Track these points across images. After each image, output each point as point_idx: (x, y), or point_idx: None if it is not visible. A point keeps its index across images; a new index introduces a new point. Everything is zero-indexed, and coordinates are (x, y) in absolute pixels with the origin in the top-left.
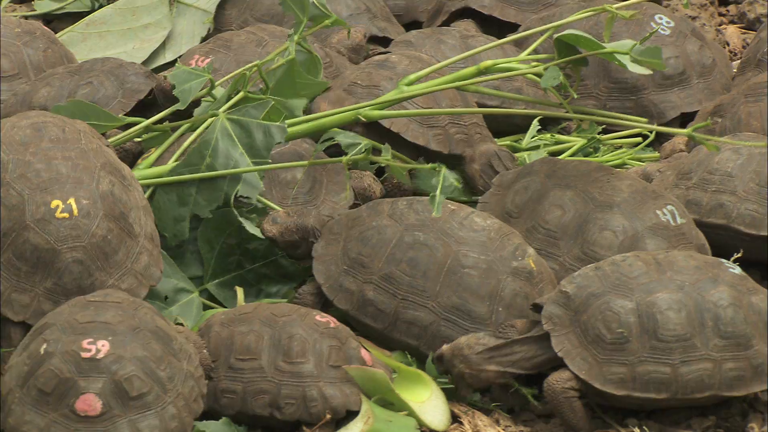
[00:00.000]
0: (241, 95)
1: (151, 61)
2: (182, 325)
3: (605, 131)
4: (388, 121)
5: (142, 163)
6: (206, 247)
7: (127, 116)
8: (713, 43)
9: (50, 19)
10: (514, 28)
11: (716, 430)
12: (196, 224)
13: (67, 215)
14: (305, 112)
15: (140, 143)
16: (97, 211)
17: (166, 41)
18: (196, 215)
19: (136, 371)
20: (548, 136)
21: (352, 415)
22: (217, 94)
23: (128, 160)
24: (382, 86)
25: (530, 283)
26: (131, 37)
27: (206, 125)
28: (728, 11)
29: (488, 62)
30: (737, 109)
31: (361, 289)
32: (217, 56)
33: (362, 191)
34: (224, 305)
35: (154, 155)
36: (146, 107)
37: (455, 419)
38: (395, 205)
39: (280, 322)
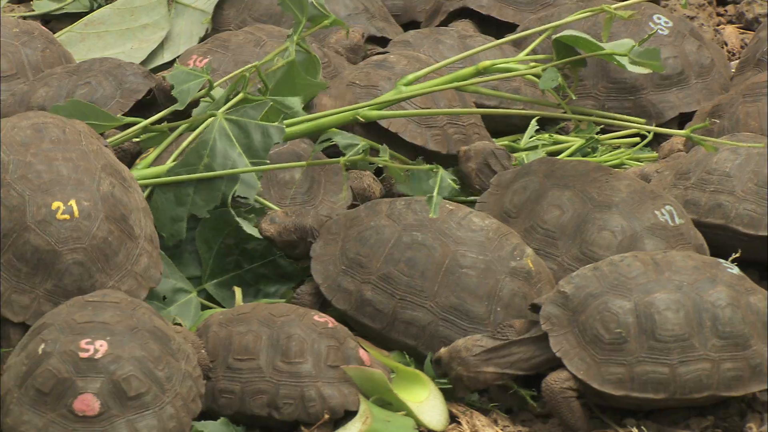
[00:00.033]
0: (240, 97)
1: (149, 61)
2: (180, 325)
3: (603, 131)
4: (386, 121)
5: (140, 163)
6: (204, 247)
7: (125, 116)
8: (711, 43)
9: (48, 19)
10: (512, 28)
11: (714, 430)
12: (194, 224)
13: (68, 217)
14: (304, 110)
15: (138, 143)
16: (98, 213)
17: (164, 41)
18: (194, 215)
19: (134, 371)
20: (546, 136)
21: (350, 415)
22: (215, 94)
23: (126, 160)
24: (380, 86)
25: (528, 283)
26: (129, 37)
27: (205, 126)
28: (726, 11)
29: (486, 62)
30: (735, 109)
31: (359, 289)
32: (215, 56)
33: (362, 191)
34: (222, 305)
35: (152, 155)
36: (144, 107)
37: (453, 419)
38: (393, 205)
39: (278, 322)
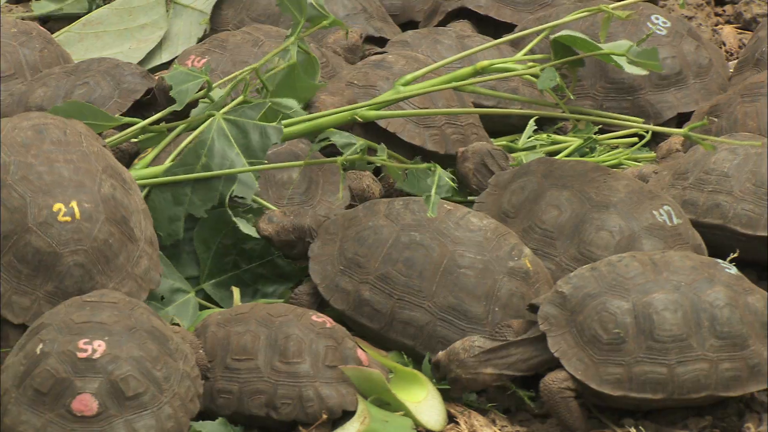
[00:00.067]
0: (240, 99)
1: (147, 61)
2: (178, 325)
3: (602, 131)
4: (384, 121)
5: (138, 163)
6: (202, 247)
7: (123, 116)
8: (710, 43)
9: (46, 19)
10: (510, 28)
11: (712, 430)
12: (192, 225)
13: (69, 219)
14: (303, 109)
15: (137, 144)
16: (98, 214)
17: (162, 42)
18: (192, 216)
19: (132, 371)
20: (545, 136)
21: (348, 415)
22: (214, 95)
23: (125, 160)
24: (378, 86)
25: (526, 283)
26: (128, 37)
27: (203, 126)
28: (724, 11)
29: (485, 62)
30: (734, 109)
31: (357, 289)
32: (212, 56)
33: (361, 192)
34: (220, 305)
35: (150, 155)
36: (142, 107)
37: (451, 419)
38: (391, 205)
39: (276, 322)
